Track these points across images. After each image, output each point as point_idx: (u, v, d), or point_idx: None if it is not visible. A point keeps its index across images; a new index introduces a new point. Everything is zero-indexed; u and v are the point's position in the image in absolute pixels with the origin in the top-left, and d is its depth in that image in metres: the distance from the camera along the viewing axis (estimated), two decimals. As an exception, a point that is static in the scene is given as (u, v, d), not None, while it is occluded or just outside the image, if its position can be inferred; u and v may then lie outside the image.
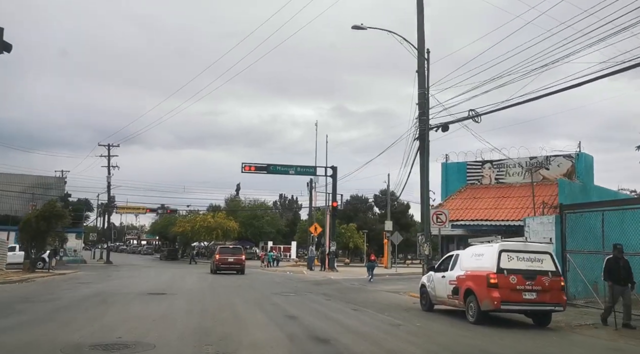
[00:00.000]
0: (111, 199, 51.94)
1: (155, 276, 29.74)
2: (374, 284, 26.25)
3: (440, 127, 18.57)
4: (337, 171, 33.77)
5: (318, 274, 32.51)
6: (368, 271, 28.76)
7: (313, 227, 37.86)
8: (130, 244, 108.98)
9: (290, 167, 33.42)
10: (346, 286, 24.14)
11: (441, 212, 17.95)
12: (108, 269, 40.26)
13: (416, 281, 31.00)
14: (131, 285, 21.68)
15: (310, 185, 39.91)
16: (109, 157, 51.46)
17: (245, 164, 32.76)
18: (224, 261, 32.45)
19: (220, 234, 61.10)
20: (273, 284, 24.06)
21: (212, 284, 22.73)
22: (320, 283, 25.47)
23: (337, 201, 33.49)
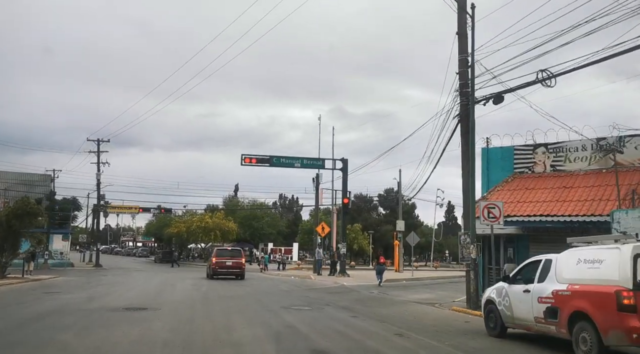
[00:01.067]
0: (101, 198, 47.80)
1: (143, 283, 25.71)
2: (393, 290, 22.33)
3: (492, 99, 14.60)
4: (347, 164, 29.84)
5: (327, 279, 28.52)
6: (377, 275, 25.72)
7: (320, 227, 33.88)
8: (125, 246, 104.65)
9: (296, 160, 29.44)
10: (366, 295, 20.16)
11: (494, 205, 14.05)
12: (94, 273, 36.17)
13: (442, 287, 27.16)
14: (108, 296, 17.64)
15: (316, 181, 35.95)
16: (98, 153, 47.33)
17: (245, 156, 28.76)
18: (222, 265, 28.46)
19: (219, 235, 57.05)
20: (280, 293, 20.05)
21: (206, 294, 18.71)
22: (335, 292, 21.48)
23: (348, 198, 29.53)
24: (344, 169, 29.76)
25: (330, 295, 19.88)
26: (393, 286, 25.52)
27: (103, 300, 16.04)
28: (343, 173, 29.83)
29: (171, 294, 18.65)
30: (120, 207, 51.65)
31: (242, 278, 28.87)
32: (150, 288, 21.86)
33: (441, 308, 16.15)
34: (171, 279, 28.31)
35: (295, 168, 29.60)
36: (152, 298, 16.99)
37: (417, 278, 31.46)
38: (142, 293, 18.78)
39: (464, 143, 15.81)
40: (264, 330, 10.56)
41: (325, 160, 30.05)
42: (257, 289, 21.86)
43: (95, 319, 11.65)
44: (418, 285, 27.26)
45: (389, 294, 20.96)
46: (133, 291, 20.15)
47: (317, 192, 35.76)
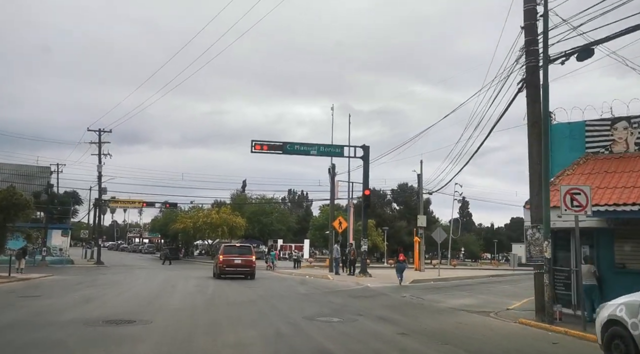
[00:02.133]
0: (104, 191, 44.85)
1: (142, 283, 22.68)
2: (427, 294, 19.16)
3: (576, 54, 11.33)
4: (369, 152, 26.63)
5: (347, 279, 25.36)
6: (397, 274, 23.59)
7: (337, 222, 30.68)
8: (132, 242, 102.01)
9: (312, 147, 26.24)
10: (399, 301, 16.97)
11: (579, 190, 10.86)
12: (93, 271, 33.24)
13: (479, 290, 23.28)
14: (94, 301, 14.55)
15: (331, 171, 32.77)
16: (99, 144, 44.33)
17: (256, 142, 25.60)
18: (230, 263, 25.40)
19: (226, 231, 54.04)
20: (298, 297, 16.92)
21: (211, 299, 15.61)
22: (361, 295, 18.31)
23: (369, 189, 26.32)
24: (365, 157, 26.54)
25: (357, 300, 16.73)
26: (423, 288, 22.33)
27: (84, 308, 12.97)
28: (364, 162, 26.60)
29: (170, 298, 15.56)
30: (123, 202, 48.75)
31: (252, 277, 25.81)
32: (147, 290, 18.79)
33: (501, 319, 12.93)
34: (173, 279, 25.27)
35: (310, 156, 26.40)
36: (145, 304, 13.90)
37: (444, 278, 28.25)
38: (135, 298, 15.70)
39: (531, 114, 12.58)
40: None
41: (344, 147, 26.81)
42: (270, 291, 18.73)
43: (61, 339, 8.56)
44: (449, 287, 24.04)
45: (424, 298, 17.77)
46: (126, 294, 17.08)
47: (333, 184, 32.54)
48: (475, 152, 20.40)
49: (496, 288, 24.44)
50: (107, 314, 11.60)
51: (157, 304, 13.87)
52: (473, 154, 21.81)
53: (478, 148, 17.40)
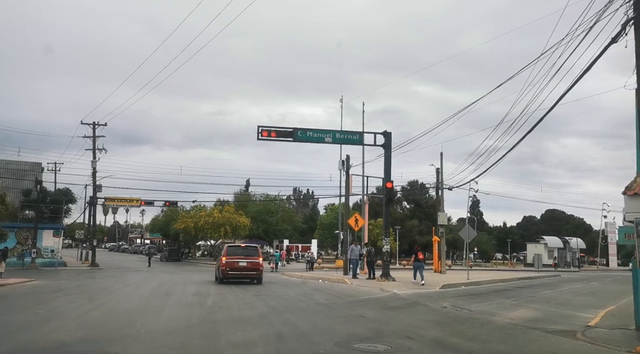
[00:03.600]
0: (98, 188, 41.47)
1: (131, 290, 19.31)
2: (469, 303, 15.74)
3: None
4: (391, 139, 23.18)
5: (368, 284, 21.90)
6: (417, 272, 22.25)
7: (353, 219, 27.23)
8: (133, 243, 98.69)
9: (326, 133, 22.78)
10: (445, 313, 13.50)
11: None
12: (84, 275, 29.89)
13: (526, 297, 18.87)
14: (57, 319, 11.11)
15: (346, 164, 29.37)
16: (94, 138, 41.00)
17: (263, 129, 22.17)
18: (234, 266, 22.03)
19: (229, 230, 50.67)
20: (319, 310, 13.47)
21: (212, 313, 12.18)
22: (394, 306, 14.86)
23: (391, 181, 22.84)
24: (387, 144, 23.08)
25: (392, 313, 13.31)
26: (459, 295, 18.87)
27: (37, 331, 9.54)
28: (385, 150, 23.15)
29: (159, 314, 12.12)
30: (120, 200, 45.39)
31: (260, 281, 22.46)
32: (134, 300, 15.38)
33: (600, 344, 9.47)
34: (170, 285, 21.89)
35: (325, 143, 22.94)
36: (124, 323, 10.50)
37: (475, 282, 24.78)
38: (114, 313, 12.28)
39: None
40: None
41: (364, 134, 23.34)
42: (283, 301, 15.30)
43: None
44: (486, 292, 20.58)
45: (470, 309, 14.33)
46: (106, 306, 13.67)
47: (348, 177, 29.11)
48: (511, 150, 17.86)
49: (540, 294, 20.98)
50: (62, 340, 8.23)
51: (140, 323, 10.45)
52: (509, 150, 19.09)
53: (515, 145, 14.54)
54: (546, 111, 16.91)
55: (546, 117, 15.57)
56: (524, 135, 19.75)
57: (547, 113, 17.40)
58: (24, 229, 38.62)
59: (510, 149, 20.62)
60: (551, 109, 16.60)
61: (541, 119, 17.81)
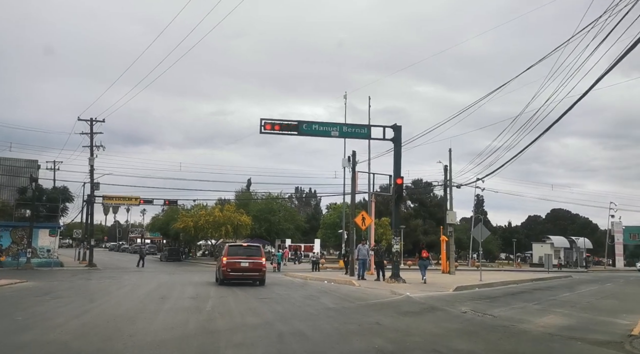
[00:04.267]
0: (96, 186, 40.16)
1: (126, 293, 18.05)
2: (491, 307, 14.44)
3: None
4: (401, 133, 21.88)
5: (377, 286, 20.59)
6: (421, 270, 22.78)
7: (360, 218, 25.88)
8: (133, 243, 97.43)
9: (333, 126, 21.45)
10: (468, 320, 12.16)
11: None
12: (79, 275, 28.66)
13: (544, 299, 17.37)
14: (33, 329, 9.79)
15: (352, 160, 28.03)
16: (91, 135, 39.74)
17: (266, 122, 20.86)
18: (236, 267, 20.75)
19: (230, 230, 49.41)
20: (329, 316, 12.12)
21: (210, 321, 10.87)
22: (410, 311, 13.55)
23: (401, 177, 21.53)
24: (396, 139, 21.76)
25: (410, 319, 12.00)
26: (476, 298, 17.54)
27: (8, 344, 8.25)
28: (395, 144, 21.83)
29: (151, 320, 10.81)
30: (118, 198, 44.13)
31: (262, 283, 21.20)
32: (127, 304, 14.09)
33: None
34: (168, 286, 20.62)
35: (331, 137, 21.63)
36: (110, 333, 9.19)
37: (488, 284, 23.49)
38: (103, 319, 10.97)
39: None
40: None
41: (373, 127, 22.03)
42: (289, 305, 13.98)
43: None
44: (503, 295, 19.25)
45: (494, 315, 13.01)
46: (94, 312, 12.36)
47: (354, 173, 27.75)
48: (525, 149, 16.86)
49: (560, 297, 19.67)
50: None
51: (129, 333, 9.15)
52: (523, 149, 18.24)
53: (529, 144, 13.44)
54: (563, 112, 16.28)
55: (546, 117, 14.75)
56: (539, 135, 18.77)
57: (565, 113, 16.61)
58: (19, 228, 37.36)
59: (524, 149, 19.72)
60: (569, 109, 15.96)
61: (558, 120, 17.05)
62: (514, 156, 22.68)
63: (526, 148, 20.37)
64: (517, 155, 22.46)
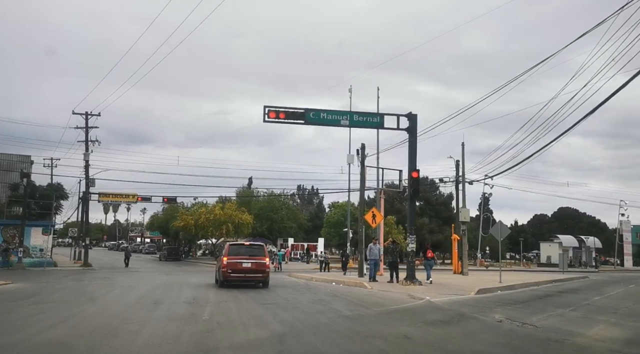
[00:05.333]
0: (91, 183, 38.36)
1: (116, 296, 16.26)
2: (528, 314, 12.62)
3: None
4: (416, 122, 20.06)
5: (391, 288, 18.76)
6: (427, 271, 22.35)
7: (370, 214, 24.03)
8: (132, 242, 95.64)
9: (342, 115, 19.62)
10: (509, 331, 10.32)
11: None
12: (70, 276, 26.88)
13: (578, 304, 15.16)
14: None
15: (361, 153, 26.19)
16: (86, 129, 37.96)
17: (270, 110, 19.09)
18: (237, 268, 18.95)
19: (231, 229, 47.63)
20: (347, 327, 10.29)
21: (208, 334, 9.03)
22: (437, 320, 11.71)
23: (417, 170, 19.67)
24: (412, 128, 19.92)
25: (442, 331, 10.19)
26: (503, 303, 15.70)
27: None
28: (410, 135, 20.00)
29: (137, 333, 9.00)
30: (115, 195, 42.29)
31: (266, 285, 19.42)
32: (114, 310, 12.27)
33: None
34: (163, 289, 18.82)
35: (340, 126, 19.81)
36: (85, 348, 7.39)
37: (509, 286, 21.66)
38: (79, 332, 9.17)
39: None
40: None
41: (385, 116, 20.18)
42: (298, 313, 12.16)
43: None
44: (532, 299, 17.43)
45: (535, 325, 11.18)
46: (73, 320, 10.56)
47: (363, 167, 25.91)
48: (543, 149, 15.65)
49: (592, 301, 17.83)
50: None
51: (110, 347, 7.34)
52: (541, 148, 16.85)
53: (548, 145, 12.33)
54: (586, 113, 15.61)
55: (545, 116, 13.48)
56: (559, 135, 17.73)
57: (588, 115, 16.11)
58: (11, 226, 35.58)
59: (542, 148, 18.45)
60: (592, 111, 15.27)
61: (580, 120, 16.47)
62: (534, 152, 21.40)
63: (549, 145, 18.98)
64: (540, 151, 20.97)
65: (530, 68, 18.35)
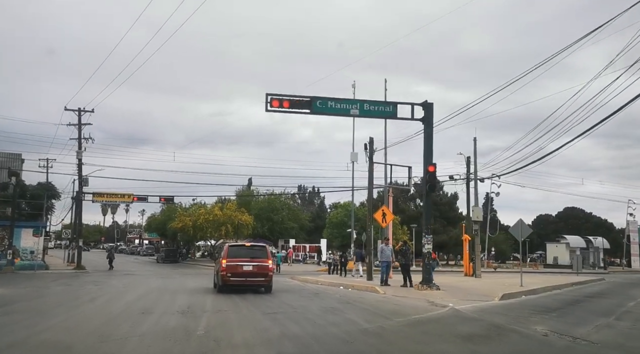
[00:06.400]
0: (84, 181, 36.51)
1: (104, 304, 14.47)
2: (562, 324, 10.84)
3: None
4: (432, 111, 18.28)
5: (406, 294, 16.93)
6: None
7: (380, 212, 22.18)
8: (130, 244, 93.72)
9: (352, 103, 17.77)
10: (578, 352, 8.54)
11: None
12: (60, 281, 25.03)
13: (616, 312, 12.61)
14: None
15: (369, 147, 24.33)
16: (79, 126, 36.15)
17: (273, 98, 17.27)
18: (237, 271, 17.14)
19: (231, 230, 45.79)
20: (366, 341, 8.49)
21: None
22: (473, 334, 9.88)
23: (433, 164, 17.86)
24: (427, 118, 18.11)
25: (487, 349, 8.40)
26: (531, 309, 13.88)
27: None
28: (425, 126, 18.19)
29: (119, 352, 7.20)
30: (109, 195, 40.38)
31: (269, 290, 17.64)
32: (94, 321, 10.45)
33: None
34: (156, 295, 16.99)
35: (350, 116, 18.11)
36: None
37: (532, 290, 19.84)
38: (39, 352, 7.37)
39: None
40: None
41: (399, 105, 18.37)
42: (310, 325, 10.33)
43: None
44: (564, 306, 15.63)
45: (591, 340, 9.39)
46: (42, 335, 8.73)
47: (371, 163, 24.06)
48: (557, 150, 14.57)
49: (628, 306, 16.07)
50: None
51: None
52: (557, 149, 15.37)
53: None
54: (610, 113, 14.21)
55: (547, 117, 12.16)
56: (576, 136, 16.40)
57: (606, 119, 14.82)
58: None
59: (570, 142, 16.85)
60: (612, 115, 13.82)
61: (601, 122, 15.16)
62: (548, 153, 20.05)
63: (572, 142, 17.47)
64: (548, 155, 19.50)
65: (531, 69, 17.57)
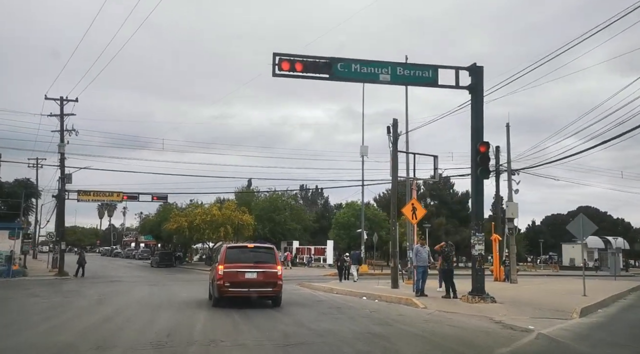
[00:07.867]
0: (67, 178, 32.59)
1: (58, 325, 10.53)
2: None
3: None
4: (482, 77, 14.44)
5: (457, 309, 13.02)
6: (440, 277, 16.85)
7: (409, 207, 18.16)
8: (127, 247, 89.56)
9: (382, 67, 13.92)
10: None
11: None
12: (33, 289, 21.18)
13: None
14: None
15: (393, 131, 20.47)
16: (61, 117, 32.22)
17: (282, 58, 13.40)
18: (238, 280, 13.26)
19: (230, 231, 41.89)
20: None
21: None
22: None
23: (484, 144, 13.98)
24: (475, 86, 14.31)
25: None
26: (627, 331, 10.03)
27: None
28: (474, 96, 14.34)
29: None
30: (95, 193, 36.29)
31: (278, 303, 13.82)
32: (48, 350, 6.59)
33: None
34: (135, 310, 13.07)
35: (379, 83, 14.18)
36: None
37: (601, 302, 15.95)
38: None
39: None
40: None
41: (440, 68, 14.50)
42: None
43: None
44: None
45: None
46: None
47: (395, 149, 20.11)
48: None
49: None
50: None
51: None
52: None
53: None
54: None
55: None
56: None
57: None
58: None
59: None
60: None
61: None
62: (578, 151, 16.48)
63: None
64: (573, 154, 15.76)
65: (532, 69, 13.92)
